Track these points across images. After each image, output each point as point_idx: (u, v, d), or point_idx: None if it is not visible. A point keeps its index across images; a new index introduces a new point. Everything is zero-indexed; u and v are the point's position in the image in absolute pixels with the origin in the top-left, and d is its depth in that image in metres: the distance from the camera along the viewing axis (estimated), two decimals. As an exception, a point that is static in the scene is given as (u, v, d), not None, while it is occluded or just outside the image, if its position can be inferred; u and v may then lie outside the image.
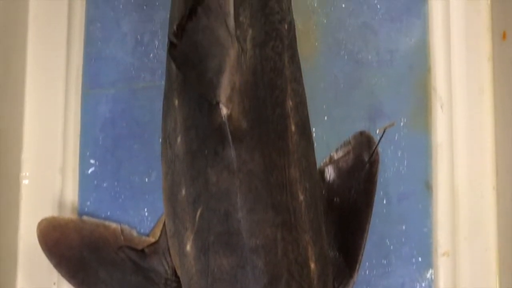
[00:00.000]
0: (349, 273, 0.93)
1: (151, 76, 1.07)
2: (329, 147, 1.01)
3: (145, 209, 1.04)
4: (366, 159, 0.98)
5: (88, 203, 1.05)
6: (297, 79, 0.93)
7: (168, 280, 0.93)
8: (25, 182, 1.05)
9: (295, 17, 0.97)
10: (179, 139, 0.88)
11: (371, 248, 1.01)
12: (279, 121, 0.87)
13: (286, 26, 0.92)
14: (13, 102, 1.05)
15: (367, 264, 1.02)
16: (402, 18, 1.10)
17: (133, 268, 0.94)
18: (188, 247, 0.85)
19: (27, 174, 1.05)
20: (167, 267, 0.94)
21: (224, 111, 0.83)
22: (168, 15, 0.99)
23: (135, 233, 0.98)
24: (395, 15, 1.10)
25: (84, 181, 1.05)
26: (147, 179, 1.05)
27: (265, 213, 0.82)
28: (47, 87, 1.07)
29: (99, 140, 1.06)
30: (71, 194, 1.05)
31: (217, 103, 0.83)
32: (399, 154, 1.06)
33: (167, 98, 0.93)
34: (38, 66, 1.07)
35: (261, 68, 0.87)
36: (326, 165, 0.99)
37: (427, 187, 1.06)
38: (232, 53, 0.84)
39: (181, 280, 0.89)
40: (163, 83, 0.97)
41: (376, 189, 0.98)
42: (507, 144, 1.05)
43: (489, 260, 1.06)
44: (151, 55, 1.08)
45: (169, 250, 0.93)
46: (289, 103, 0.89)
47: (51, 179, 1.05)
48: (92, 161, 1.06)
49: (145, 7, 1.09)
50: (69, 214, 1.04)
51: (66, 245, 0.94)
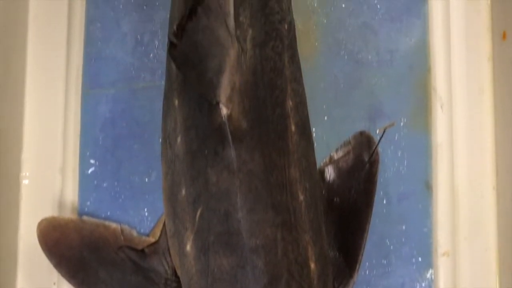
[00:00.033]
0: (349, 273, 0.93)
1: (151, 76, 1.07)
2: (329, 147, 1.01)
3: (145, 209, 1.04)
4: (366, 159, 0.98)
5: (88, 203, 1.05)
6: (297, 79, 0.93)
7: (168, 280, 0.93)
8: (25, 182, 1.05)
9: (295, 17, 0.97)
10: (179, 139, 0.88)
11: (371, 248, 1.01)
12: (279, 121, 0.87)
13: (286, 26, 0.92)
14: (13, 102, 1.05)
15: (367, 264, 1.02)
16: (402, 18, 1.10)
17: (133, 268, 0.94)
18: (188, 247, 0.85)
19: (27, 174, 1.05)
20: (167, 267, 0.94)
21: (224, 111, 0.83)
22: (168, 15, 0.99)
23: (135, 233, 0.98)
24: (395, 15, 1.10)
25: (84, 181, 1.05)
26: (147, 179, 1.05)
27: (265, 213, 0.82)
28: (47, 87, 1.07)
29: (99, 140, 1.06)
30: (71, 194, 1.05)
31: (217, 103, 0.83)
32: (399, 154, 1.06)
33: (167, 98, 0.93)
34: (38, 66, 1.07)
35: (261, 68, 0.87)
36: (326, 165, 0.99)
37: (427, 187, 1.06)
38: (232, 53, 0.84)
39: (181, 280, 0.89)
40: (163, 83, 0.97)
41: (376, 189, 0.97)
42: (507, 144, 1.05)
43: (489, 260, 1.05)
44: (151, 55, 1.08)
45: (169, 250, 0.93)
46: (289, 103, 0.89)
47: (51, 179, 1.05)
48: (92, 161, 1.06)
49: (145, 7, 1.09)
50: (69, 214, 1.04)
51: (66, 245, 0.94)
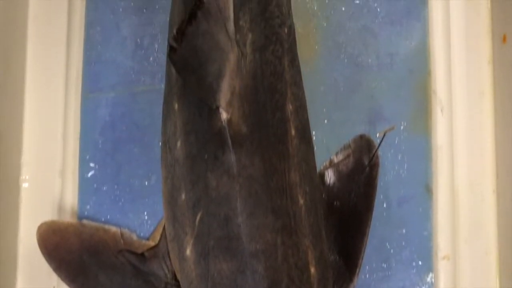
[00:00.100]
0: (349, 277, 0.93)
1: (151, 79, 1.07)
2: (329, 151, 1.01)
3: (145, 213, 1.04)
4: (366, 162, 0.98)
5: (88, 206, 1.05)
6: (297, 83, 0.92)
7: (168, 284, 0.93)
8: (25, 185, 1.05)
9: (295, 20, 0.97)
10: (179, 144, 0.88)
11: (371, 251, 1.01)
12: (279, 125, 0.87)
13: (286, 30, 0.92)
14: (13, 105, 1.05)
15: (367, 267, 1.02)
16: (402, 21, 1.10)
17: (133, 272, 0.94)
18: (188, 252, 0.85)
19: (27, 177, 1.05)
20: (167, 271, 0.94)
21: (224, 115, 0.83)
22: (168, 19, 0.99)
23: (135, 237, 0.97)
24: (395, 18, 1.10)
25: (84, 184, 1.05)
26: (147, 183, 1.05)
27: (265, 217, 0.82)
28: (47, 90, 1.07)
29: (99, 144, 1.06)
30: (71, 198, 1.05)
31: (217, 107, 0.83)
32: (399, 157, 1.06)
33: (167, 102, 0.93)
34: (38, 69, 1.07)
35: (261, 72, 0.87)
36: (326, 168, 0.99)
37: (427, 190, 1.06)
38: (232, 57, 0.84)
39: (181, 284, 0.89)
40: (163, 86, 0.97)
41: (376, 193, 0.98)
42: (507, 147, 1.05)
43: (489, 264, 1.05)
44: (151, 58, 1.07)
45: (169, 254, 0.93)
46: (289, 107, 0.89)
47: (51, 182, 1.05)
48: (91, 164, 1.06)
49: (145, 10, 1.09)
50: (68, 218, 1.04)
51: (65, 249, 0.94)
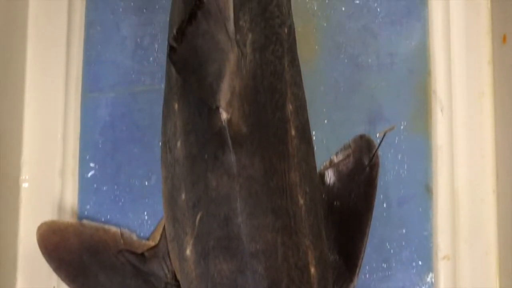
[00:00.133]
0: (349, 277, 0.93)
1: (151, 79, 1.07)
2: (329, 151, 1.01)
3: (145, 213, 1.04)
4: (366, 162, 0.98)
5: (88, 206, 1.05)
6: (297, 83, 0.92)
7: (168, 284, 0.93)
8: (24, 185, 1.05)
9: (295, 20, 0.97)
10: (179, 144, 0.88)
11: (371, 251, 1.01)
12: (279, 125, 0.87)
13: (286, 30, 0.92)
14: (13, 106, 1.05)
15: (367, 267, 1.02)
16: (402, 21, 1.10)
17: (133, 272, 0.94)
18: (188, 252, 0.85)
19: (27, 177, 1.05)
20: (167, 271, 0.94)
21: (224, 115, 0.83)
22: (168, 18, 0.99)
23: (135, 237, 0.97)
24: (395, 18, 1.10)
25: (84, 184, 1.05)
26: (147, 183, 1.04)
27: (265, 217, 0.82)
28: (47, 90, 1.07)
29: (99, 144, 1.06)
30: (71, 198, 1.05)
31: (217, 107, 0.83)
32: (399, 157, 1.06)
33: (166, 102, 0.93)
34: (38, 69, 1.07)
35: (261, 72, 0.87)
36: (326, 168, 0.99)
37: (427, 190, 1.06)
38: (232, 57, 0.84)
39: (181, 284, 0.89)
40: (163, 86, 0.97)
41: (376, 193, 0.98)
42: (507, 147, 1.05)
43: (489, 264, 1.05)
44: (151, 58, 1.07)
45: (169, 254, 0.93)
46: (289, 107, 0.89)
47: (51, 182, 1.05)
48: (92, 164, 1.06)
49: (145, 10, 1.09)
50: (68, 218, 1.04)
51: (65, 249, 0.94)
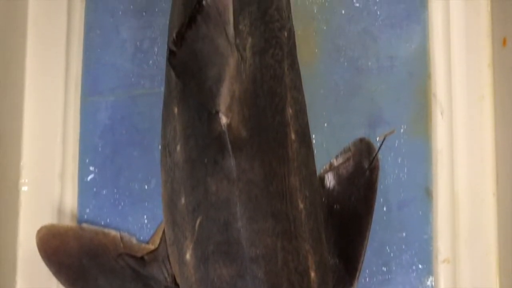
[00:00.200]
0: (349, 280, 0.93)
1: (151, 82, 1.07)
2: (329, 154, 1.01)
3: (145, 216, 1.04)
4: (366, 166, 0.98)
5: (88, 210, 1.04)
6: (297, 86, 0.92)
7: (167, 288, 0.93)
8: (24, 188, 1.05)
9: (294, 23, 0.97)
10: (178, 148, 0.88)
11: (371, 255, 1.01)
12: (278, 129, 0.87)
13: (285, 34, 0.92)
14: (12, 109, 1.05)
15: (367, 271, 1.02)
16: (402, 24, 1.10)
17: (133, 276, 0.94)
18: (188, 256, 0.85)
19: (26, 180, 1.05)
20: (166, 275, 0.93)
21: (223, 120, 0.82)
22: (168, 22, 0.99)
23: (134, 241, 0.97)
24: (395, 21, 1.10)
25: (84, 188, 1.05)
26: (146, 186, 1.04)
27: (265, 222, 0.82)
28: (46, 93, 1.07)
29: (99, 147, 1.06)
30: (71, 201, 1.05)
31: (217, 112, 0.83)
32: (399, 160, 1.06)
33: (166, 106, 0.93)
34: (38, 73, 1.07)
35: (261, 76, 0.87)
36: (326, 172, 0.99)
37: (427, 193, 1.06)
38: (232, 61, 0.84)
39: (180, 288, 0.89)
40: (162, 89, 0.97)
41: (376, 196, 0.97)
42: (507, 150, 1.05)
43: (489, 267, 1.05)
44: (151, 61, 1.07)
45: (168, 257, 0.92)
46: (289, 110, 0.89)
47: (50, 186, 1.05)
48: (91, 168, 1.06)
49: (144, 13, 1.09)
50: (68, 221, 1.04)
51: (65, 252, 0.94)
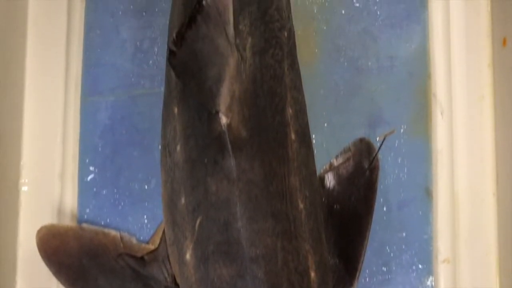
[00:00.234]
0: (349, 280, 0.93)
1: (151, 82, 1.07)
2: (329, 154, 1.01)
3: (145, 216, 1.03)
4: (366, 166, 0.98)
5: (88, 210, 1.04)
6: (297, 86, 0.92)
7: (167, 288, 0.93)
8: (24, 188, 1.05)
9: (294, 23, 0.97)
10: (178, 148, 0.88)
11: (371, 255, 1.01)
12: (278, 129, 0.87)
13: (285, 34, 0.92)
14: (12, 109, 1.05)
15: (367, 271, 1.02)
16: (402, 24, 1.10)
17: (133, 276, 0.94)
18: (188, 256, 0.85)
19: (26, 180, 1.05)
20: (166, 275, 0.93)
21: (223, 120, 0.82)
22: (168, 22, 0.99)
23: (134, 241, 0.97)
24: (395, 21, 1.10)
25: (84, 188, 1.05)
26: (146, 186, 1.04)
27: (265, 222, 0.82)
28: (46, 93, 1.07)
29: (99, 147, 1.06)
30: (71, 201, 1.05)
31: (217, 112, 0.83)
32: (399, 160, 1.06)
33: (166, 106, 0.93)
34: (38, 73, 1.07)
35: (261, 76, 0.87)
36: (326, 172, 0.99)
37: (427, 193, 1.06)
38: (232, 61, 0.84)
39: (180, 288, 0.89)
40: (162, 89, 0.97)
41: (376, 196, 0.97)
42: (507, 150, 1.05)
43: (489, 267, 1.05)
44: (151, 61, 1.07)
45: (168, 257, 0.92)
46: (289, 110, 0.89)
47: (50, 186, 1.05)
48: (91, 168, 1.06)
49: (144, 13, 1.09)
50: (68, 221, 1.04)
51: (65, 252, 0.94)
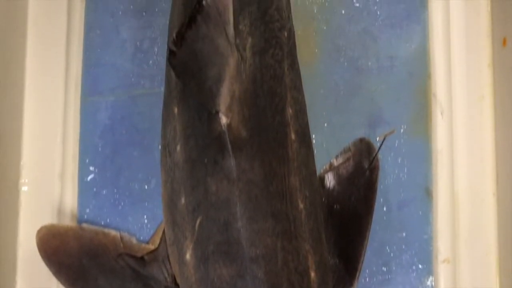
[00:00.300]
0: (349, 280, 0.93)
1: (151, 82, 1.07)
2: (329, 154, 1.01)
3: (145, 216, 1.03)
4: (366, 166, 0.98)
5: (88, 210, 1.04)
6: (297, 86, 0.92)
7: (167, 288, 0.93)
8: (24, 188, 1.05)
9: (294, 23, 0.97)
10: (178, 148, 0.88)
11: (371, 255, 1.01)
12: (279, 129, 0.87)
13: (285, 34, 0.92)
14: (12, 109, 1.05)
15: (367, 271, 1.02)
16: (402, 24, 1.10)
17: (133, 276, 0.94)
18: (188, 256, 0.85)
19: (26, 180, 1.05)
20: (166, 275, 0.93)
21: (223, 120, 0.82)
22: (168, 21, 0.99)
23: (134, 241, 0.97)
24: (395, 21, 1.09)
25: (84, 188, 1.05)
26: (146, 186, 1.04)
27: (265, 222, 0.82)
28: (46, 93, 1.07)
29: (99, 147, 1.06)
30: (71, 201, 1.05)
31: (217, 112, 0.82)
32: (399, 160, 1.06)
33: (166, 106, 0.93)
34: (38, 73, 1.07)
35: (261, 76, 0.87)
36: (326, 172, 0.99)
37: (427, 193, 1.06)
38: (232, 61, 0.84)
39: (180, 288, 0.89)
40: (162, 89, 0.97)
41: (376, 196, 0.97)
42: (507, 150, 1.05)
43: (489, 267, 1.05)
44: (151, 61, 1.07)
45: (168, 257, 0.92)
46: (289, 110, 0.89)
47: (50, 186, 1.05)
48: (91, 168, 1.06)
49: (144, 13, 1.09)
50: (68, 221, 1.04)
51: (65, 252, 0.94)
